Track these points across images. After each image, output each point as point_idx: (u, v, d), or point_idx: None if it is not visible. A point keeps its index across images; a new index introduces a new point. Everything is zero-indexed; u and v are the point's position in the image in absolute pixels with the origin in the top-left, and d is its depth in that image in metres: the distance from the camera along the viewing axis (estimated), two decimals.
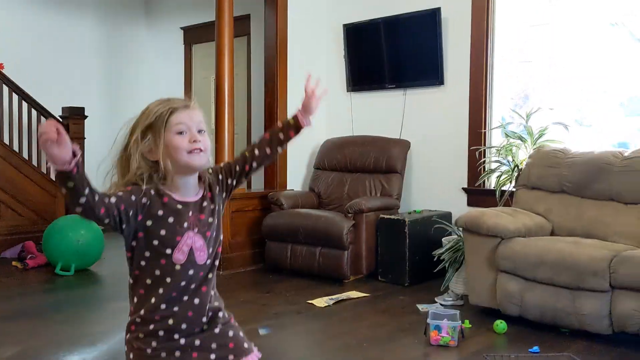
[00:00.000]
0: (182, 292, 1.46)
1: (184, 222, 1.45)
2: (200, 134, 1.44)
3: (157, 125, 1.41)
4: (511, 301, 3.34)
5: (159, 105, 1.44)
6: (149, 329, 1.46)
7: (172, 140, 1.41)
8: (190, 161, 1.42)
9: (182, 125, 1.42)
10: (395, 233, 4.35)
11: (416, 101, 5.08)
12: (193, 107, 1.46)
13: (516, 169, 4.15)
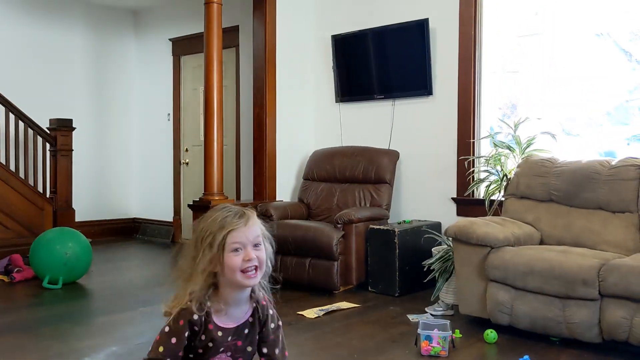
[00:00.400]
0: None
1: (220, 347, 1.55)
2: (256, 248, 1.51)
3: (217, 244, 1.48)
4: (501, 310, 3.34)
5: (219, 224, 1.50)
6: None
7: (227, 259, 1.48)
8: (243, 281, 1.50)
9: (238, 244, 1.49)
10: (385, 243, 4.34)
11: (405, 111, 5.10)
12: (250, 223, 1.52)
13: (505, 179, 4.16)
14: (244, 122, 6.14)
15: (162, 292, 4.54)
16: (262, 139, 5.33)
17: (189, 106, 6.95)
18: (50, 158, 5.93)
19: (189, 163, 6.93)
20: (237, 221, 1.49)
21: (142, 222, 7.48)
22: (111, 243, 6.91)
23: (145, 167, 7.47)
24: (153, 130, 7.33)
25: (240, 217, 1.50)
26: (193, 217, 4.99)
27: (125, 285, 4.78)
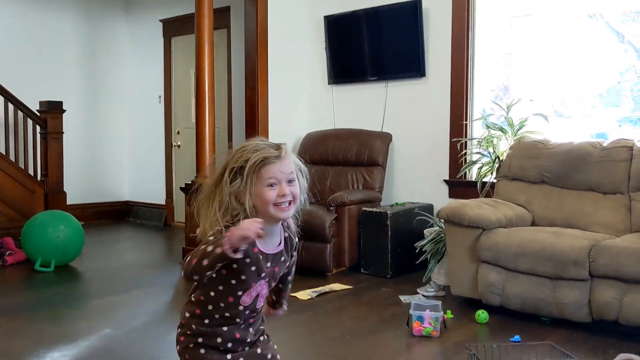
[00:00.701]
0: (235, 324, 1.57)
1: (262, 272, 1.53)
2: (291, 184, 1.50)
3: (247, 173, 1.46)
4: (493, 291, 3.37)
5: (253, 152, 1.48)
6: (198, 342, 1.55)
7: (261, 192, 1.46)
8: (276, 214, 1.49)
9: (273, 179, 1.47)
10: (378, 225, 4.36)
11: (398, 93, 5.09)
12: (285, 156, 1.50)
13: (497, 161, 4.17)
14: (235, 104, 6.11)
15: (155, 274, 4.55)
16: (254, 121, 5.31)
17: (180, 88, 6.90)
18: (40, 141, 5.88)
19: (180, 145, 6.90)
20: (273, 152, 1.49)
21: (134, 205, 7.47)
22: (104, 226, 6.89)
23: (137, 149, 7.44)
24: (144, 112, 7.28)
25: (276, 150, 1.50)
26: (185, 200, 4.98)
27: (118, 268, 4.78)
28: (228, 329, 1.56)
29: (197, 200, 1.56)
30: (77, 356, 2.80)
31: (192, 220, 4.83)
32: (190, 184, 4.91)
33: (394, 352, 2.87)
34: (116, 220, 7.35)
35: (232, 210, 1.49)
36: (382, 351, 2.88)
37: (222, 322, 1.55)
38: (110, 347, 2.94)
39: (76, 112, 6.81)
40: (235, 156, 1.50)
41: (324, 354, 2.86)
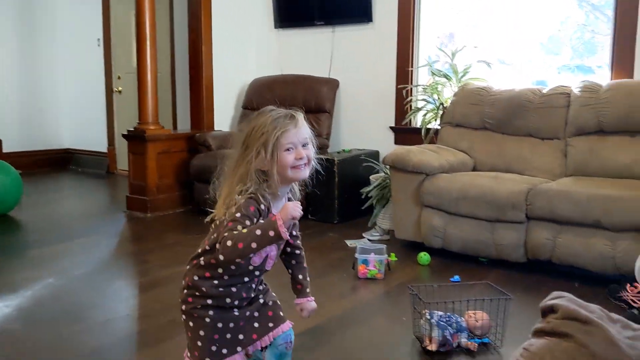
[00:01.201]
0: (242, 283, 1.68)
1: None
2: (305, 147, 1.64)
3: (270, 144, 1.58)
4: (435, 234, 3.48)
5: (273, 128, 1.59)
6: (207, 303, 1.66)
7: (281, 157, 1.59)
8: (294, 176, 1.63)
9: (290, 144, 1.60)
10: (325, 172, 4.37)
11: (345, 39, 5.04)
12: (300, 124, 1.63)
13: (441, 107, 4.23)
14: (179, 49, 5.91)
15: (99, 223, 4.47)
16: (198, 66, 5.17)
17: (120, 30, 6.62)
18: None
19: (122, 91, 6.67)
20: (289, 122, 1.61)
21: (75, 152, 7.24)
22: (43, 174, 6.67)
23: (76, 95, 7.14)
24: (82, 56, 6.97)
25: (291, 118, 1.62)
26: (128, 147, 4.86)
27: (60, 217, 4.67)
28: (237, 289, 1.67)
29: (218, 180, 1.69)
30: (20, 306, 2.75)
31: (137, 167, 4.75)
32: (132, 130, 4.79)
33: (340, 294, 2.95)
34: (56, 168, 7.12)
35: (248, 182, 1.60)
36: (328, 294, 2.95)
37: (231, 282, 1.66)
38: (54, 296, 2.89)
39: (9, 54, 6.46)
40: (256, 133, 1.61)
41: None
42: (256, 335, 1.73)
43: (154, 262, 3.47)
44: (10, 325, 2.53)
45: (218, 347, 1.67)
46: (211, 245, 1.64)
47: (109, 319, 2.59)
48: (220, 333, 1.67)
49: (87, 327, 2.51)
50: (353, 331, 2.51)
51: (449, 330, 2.29)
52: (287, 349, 1.79)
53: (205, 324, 1.66)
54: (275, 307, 1.79)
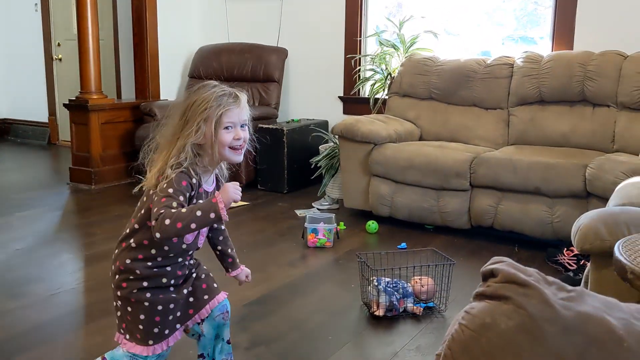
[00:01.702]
0: (177, 262, 1.67)
1: None
2: (243, 128, 1.62)
3: (212, 120, 1.56)
4: (382, 203, 3.54)
5: (215, 101, 1.57)
6: (143, 286, 1.63)
7: (220, 135, 1.57)
8: (230, 157, 1.62)
9: (230, 123, 1.58)
10: (274, 142, 4.37)
11: (293, 7, 4.98)
12: (242, 104, 1.61)
13: (389, 77, 4.26)
14: (121, 15, 5.71)
15: (41, 196, 4.34)
16: (142, 33, 5.02)
17: None
18: None
19: (62, 59, 6.42)
20: (232, 101, 1.59)
21: (13, 122, 6.95)
22: None
23: (12, 63, 6.83)
24: (18, 21, 6.64)
25: (234, 98, 1.60)
26: (70, 117, 4.70)
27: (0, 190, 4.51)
28: (171, 268, 1.65)
29: (150, 149, 1.64)
30: None
31: (80, 138, 4.61)
32: (74, 100, 4.63)
33: (290, 263, 2.98)
34: None
35: (182, 155, 1.56)
36: (278, 262, 2.97)
37: (165, 262, 1.63)
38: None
39: None
40: (198, 107, 1.57)
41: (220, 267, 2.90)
42: (192, 310, 1.73)
43: (99, 235, 3.41)
44: None
45: (160, 329, 1.66)
46: (140, 224, 1.61)
47: (53, 294, 2.54)
48: (161, 315, 1.65)
49: (30, 302, 2.46)
50: (302, 299, 2.55)
51: (396, 295, 2.36)
52: (225, 319, 1.79)
53: (144, 308, 1.63)
54: (208, 280, 1.78)
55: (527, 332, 0.72)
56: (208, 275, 1.79)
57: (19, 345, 2.09)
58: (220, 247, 1.84)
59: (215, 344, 1.80)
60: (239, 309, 2.38)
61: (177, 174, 1.53)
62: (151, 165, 1.63)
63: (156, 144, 1.64)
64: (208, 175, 1.65)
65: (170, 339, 1.69)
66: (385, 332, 2.26)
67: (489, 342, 0.73)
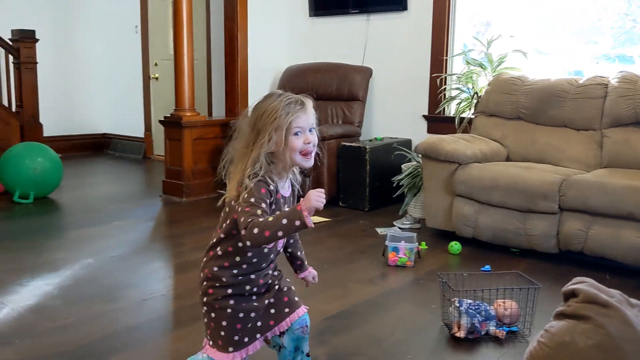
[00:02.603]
0: (260, 268, 1.73)
1: None
2: (311, 132, 1.66)
3: (283, 128, 1.60)
4: (466, 223, 3.48)
5: (283, 110, 1.61)
6: (228, 293, 1.70)
7: (289, 141, 1.62)
8: (301, 162, 1.66)
9: (299, 128, 1.63)
10: (356, 160, 4.41)
11: (379, 27, 5.03)
12: (308, 110, 1.66)
13: (475, 96, 4.21)
14: (215, 36, 5.99)
15: (135, 207, 4.58)
16: (234, 53, 5.23)
17: (157, 17, 6.72)
18: (14, 71, 5.74)
19: (158, 78, 6.79)
20: (299, 107, 1.63)
21: (112, 137, 7.41)
22: (82, 158, 6.85)
23: (114, 81, 7.30)
24: (120, 42, 7.11)
25: (301, 104, 1.64)
26: (164, 133, 4.96)
27: (97, 200, 4.80)
28: (255, 276, 1.71)
29: (227, 163, 1.71)
30: (60, 284, 2.86)
31: (173, 153, 4.85)
32: (169, 116, 4.88)
33: (370, 280, 2.98)
34: (94, 152, 7.31)
35: (257, 165, 1.62)
36: (358, 279, 2.98)
37: (250, 270, 1.70)
38: (91, 276, 3.00)
39: (49, 42, 6.62)
40: (269, 118, 1.61)
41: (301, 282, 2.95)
42: (273, 321, 1.77)
43: (188, 245, 3.56)
44: (51, 302, 2.64)
45: (240, 337, 1.71)
46: (226, 233, 1.68)
47: (145, 299, 2.68)
48: (242, 323, 1.70)
49: (123, 306, 2.60)
50: (382, 316, 2.55)
51: (478, 318, 2.31)
52: (304, 332, 1.82)
53: (227, 315, 1.69)
54: (290, 293, 1.82)
55: (605, 351, 0.71)
56: (290, 289, 1.83)
57: (112, 346, 2.22)
58: (291, 249, 1.90)
59: (295, 356, 1.84)
60: (318, 323, 2.42)
61: (255, 182, 1.59)
62: (229, 178, 1.69)
63: (231, 157, 1.70)
64: (283, 181, 1.70)
65: (250, 347, 1.74)
66: (466, 354, 2.22)
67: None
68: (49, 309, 2.57)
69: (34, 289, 2.79)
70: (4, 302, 2.61)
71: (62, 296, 2.72)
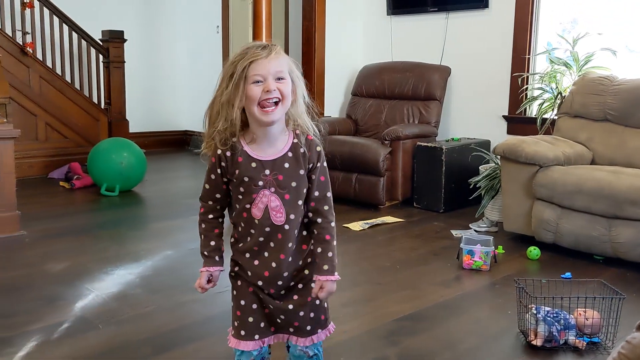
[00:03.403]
0: (262, 248, 1.53)
1: (258, 180, 1.49)
2: (280, 82, 1.42)
3: (237, 74, 1.42)
4: (546, 228, 3.35)
5: (240, 55, 1.44)
6: (235, 270, 1.61)
7: (247, 89, 1.41)
8: (260, 117, 1.43)
9: (259, 75, 1.40)
10: (432, 160, 4.34)
11: (459, 25, 4.93)
12: (272, 55, 1.42)
13: (559, 97, 4.04)
14: (292, 36, 6.07)
15: None
16: (310, 53, 5.28)
17: (237, 18, 6.89)
18: (103, 70, 6.05)
19: None
20: (260, 52, 1.41)
21: (192, 134, 7.66)
22: (164, 154, 7.13)
23: (195, 80, 7.54)
24: (202, 43, 7.33)
25: (263, 48, 1.42)
26: None
27: (178, 194, 4.98)
28: (258, 262, 1.53)
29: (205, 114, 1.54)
30: (141, 274, 2.99)
31: None
32: None
33: (443, 283, 2.93)
34: (176, 149, 7.58)
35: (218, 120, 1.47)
36: (431, 281, 2.94)
37: (252, 245, 1.52)
38: (171, 267, 3.11)
39: (135, 42, 6.92)
40: (227, 64, 1.46)
41: (374, 281, 2.94)
42: (274, 328, 1.61)
43: None
44: (133, 291, 2.76)
45: (238, 325, 1.58)
46: None
47: (220, 292, 2.74)
48: (242, 310, 1.57)
49: (200, 298, 2.67)
50: (455, 319, 2.49)
51: (556, 326, 2.22)
52: (307, 355, 1.63)
53: (235, 295, 1.60)
54: (305, 320, 1.58)
55: None
56: (307, 317, 1.59)
57: (189, 335, 2.30)
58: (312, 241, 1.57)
59: None
60: (389, 323, 2.40)
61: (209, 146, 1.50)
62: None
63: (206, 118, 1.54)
64: (267, 143, 1.48)
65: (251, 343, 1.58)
66: None
67: None
68: (130, 297, 2.68)
69: (117, 278, 2.93)
70: (90, 289, 2.76)
71: (143, 285, 2.83)
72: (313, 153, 1.53)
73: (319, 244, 1.55)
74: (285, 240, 1.52)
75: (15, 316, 2.44)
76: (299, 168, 1.51)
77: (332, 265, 1.55)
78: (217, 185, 1.54)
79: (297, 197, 1.51)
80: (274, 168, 1.48)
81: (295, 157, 1.50)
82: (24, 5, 5.40)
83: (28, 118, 5.46)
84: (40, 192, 4.86)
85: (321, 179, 1.56)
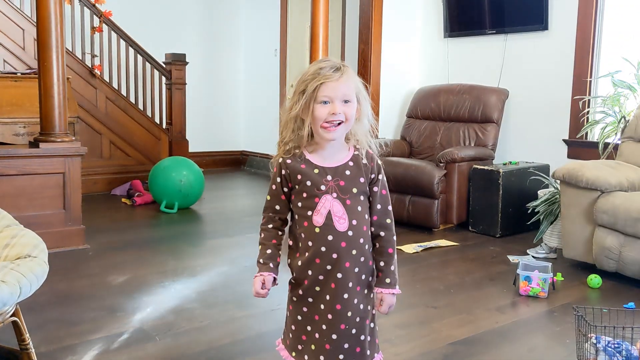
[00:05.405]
0: (324, 260, 1.52)
1: (320, 184, 1.53)
2: (346, 104, 1.49)
3: (308, 94, 1.49)
4: (608, 256, 3.24)
5: (312, 75, 1.50)
6: (299, 294, 1.59)
7: (315, 109, 1.49)
8: (322, 134, 1.51)
9: (327, 97, 1.48)
10: (489, 184, 4.27)
11: (517, 47, 4.88)
12: (342, 78, 1.49)
13: (623, 120, 3.92)
14: (348, 58, 6.13)
15: None
16: (366, 75, 5.32)
17: (295, 42, 7.02)
18: (165, 91, 6.27)
19: None
20: (331, 75, 1.48)
21: (249, 154, 7.80)
22: (221, 173, 7.29)
23: (252, 101, 7.71)
24: (261, 65, 7.50)
25: (335, 70, 1.49)
26: None
27: (234, 213, 5.07)
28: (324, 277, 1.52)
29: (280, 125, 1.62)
30: (197, 289, 3.06)
31: None
32: None
33: (498, 308, 2.87)
34: (232, 168, 7.74)
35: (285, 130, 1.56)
36: (486, 306, 2.88)
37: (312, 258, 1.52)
38: (226, 283, 3.17)
39: (197, 64, 7.15)
40: (300, 79, 1.53)
41: (427, 304, 2.91)
42: (329, 345, 1.55)
43: None
44: (189, 305, 2.83)
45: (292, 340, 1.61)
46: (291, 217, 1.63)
47: (273, 309, 2.78)
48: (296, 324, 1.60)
49: (254, 314, 2.72)
50: (510, 347, 2.44)
51: (618, 357, 2.13)
52: None
53: (296, 321, 1.61)
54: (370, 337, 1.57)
55: None
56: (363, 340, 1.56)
57: (242, 350, 2.33)
58: (374, 255, 1.59)
59: None
60: (444, 347, 2.37)
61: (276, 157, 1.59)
62: None
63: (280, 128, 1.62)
64: (328, 150, 1.55)
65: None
66: None
67: None
68: (187, 310, 2.75)
69: (174, 292, 3.00)
70: (148, 302, 2.84)
71: (199, 300, 2.90)
72: (374, 164, 1.59)
73: (382, 257, 1.58)
74: (348, 249, 1.52)
75: (80, 324, 2.54)
76: (360, 176, 1.56)
77: (394, 279, 1.57)
78: (276, 196, 1.60)
79: (357, 204, 1.55)
80: (335, 174, 1.54)
81: (357, 166, 1.56)
82: (93, 29, 5.68)
83: (94, 136, 5.71)
84: (103, 208, 5.05)
85: (382, 193, 1.61)
